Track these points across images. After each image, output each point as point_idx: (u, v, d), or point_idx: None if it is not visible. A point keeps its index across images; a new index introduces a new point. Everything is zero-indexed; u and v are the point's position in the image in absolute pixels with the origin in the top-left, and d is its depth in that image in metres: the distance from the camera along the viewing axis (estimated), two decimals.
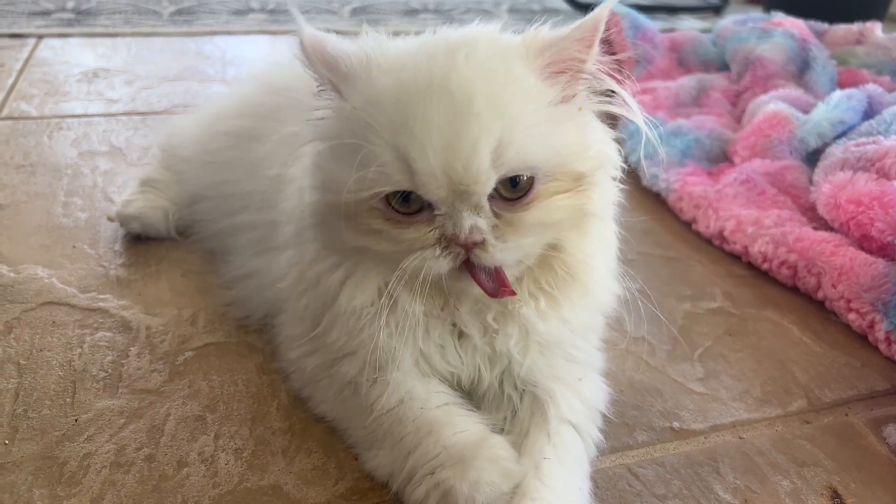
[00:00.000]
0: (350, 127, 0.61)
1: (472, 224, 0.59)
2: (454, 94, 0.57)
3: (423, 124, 0.57)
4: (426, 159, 0.57)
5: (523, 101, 0.59)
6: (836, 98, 1.40)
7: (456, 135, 0.57)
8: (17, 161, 1.36)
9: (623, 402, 0.86)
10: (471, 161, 0.57)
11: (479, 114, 0.57)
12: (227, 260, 0.97)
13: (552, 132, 0.61)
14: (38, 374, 0.85)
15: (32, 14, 2.37)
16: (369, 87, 0.61)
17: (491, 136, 0.57)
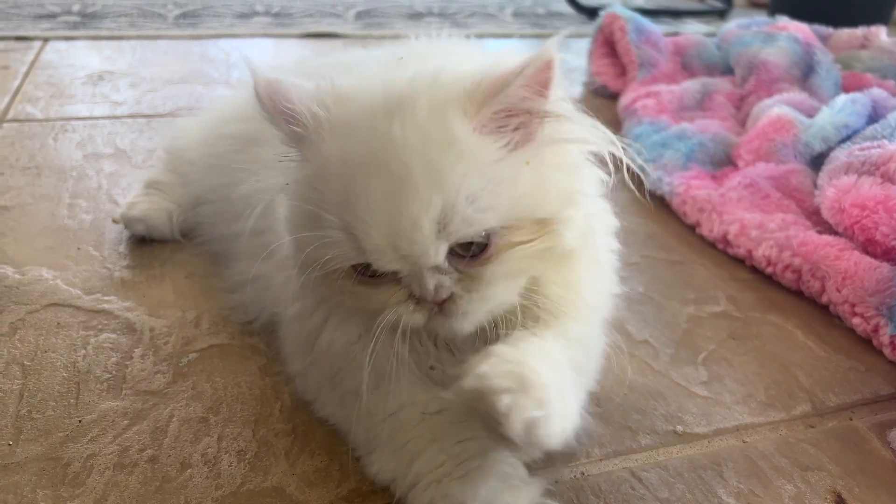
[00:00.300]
0: (308, 194, 0.60)
1: (437, 283, 0.59)
2: (391, 168, 0.56)
3: (364, 201, 0.56)
4: (371, 238, 0.57)
5: (465, 166, 0.57)
6: (841, 102, 1.40)
7: (397, 211, 0.56)
8: (23, 163, 1.36)
9: (626, 406, 0.86)
10: (413, 236, 0.56)
11: (418, 186, 0.55)
12: (230, 264, 0.97)
13: (500, 190, 0.58)
14: (42, 375, 0.85)
15: (38, 17, 2.38)
16: (319, 154, 0.60)
17: (432, 209, 0.56)
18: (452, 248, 0.59)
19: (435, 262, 0.58)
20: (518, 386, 0.57)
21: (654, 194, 1.40)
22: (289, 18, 2.59)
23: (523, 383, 0.57)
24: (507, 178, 0.58)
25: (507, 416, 0.55)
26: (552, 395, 0.58)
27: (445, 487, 0.64)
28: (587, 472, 0.76)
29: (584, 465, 0.77)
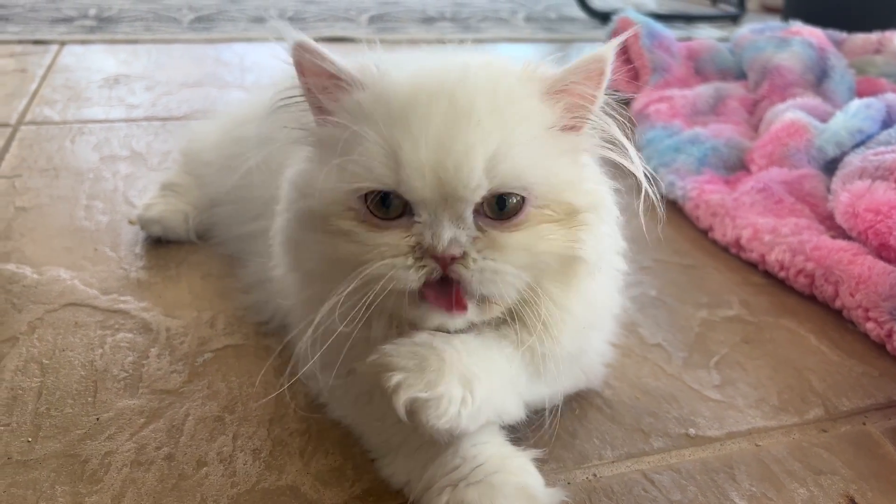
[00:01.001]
0: (343, 127, 0.60)
1: (453, 236, 0.57)
2: (458, 100, 0.57)
3: (422, 120, 0.56)
4: (416, 152, 0.56)
5: (524, 119, 0.59)
6: (855, 107, 1.39)
7: (453, 135, 0.56)
8: (41, 165, 1.38)
9: (639, 409, 0.86)
10: (463, 162, 0.56)
11: (480, 121, 0.57)
12: (245, 265, 0.98)
13: (548, 156, 0.60)
14: (60, 373, 0.86)
15: (55, 21, 2.41)
16: (380, 86, 0.60)
17: (488, 145, 0.56)
18: (485, 205, 0.58)
19: (473, 197, 0.57)
20: (415, 366, 0.58)
21: (667, 198, 1.40)
22: (302, 23, 2.61)
23: (421, 365, 0.58)
24: (554, 152, 0.61)
25: (395, 393, 0.57)
26: (452, 382, 0.58)
27: (462, 493, 0.63)
28: (599, 473, 0.77)
29: (596, 467, 0.77)
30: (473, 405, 0.60)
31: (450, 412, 0.58)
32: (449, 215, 0.57)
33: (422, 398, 0.57)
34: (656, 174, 1.41)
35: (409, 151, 0.56)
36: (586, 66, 0.61)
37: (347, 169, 0.58)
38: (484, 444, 0.67)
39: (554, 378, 0.72)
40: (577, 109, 0.63)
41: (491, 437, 0.69)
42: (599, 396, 0.87)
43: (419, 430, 0.59)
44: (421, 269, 0.58)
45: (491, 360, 0.64)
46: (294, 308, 0.78)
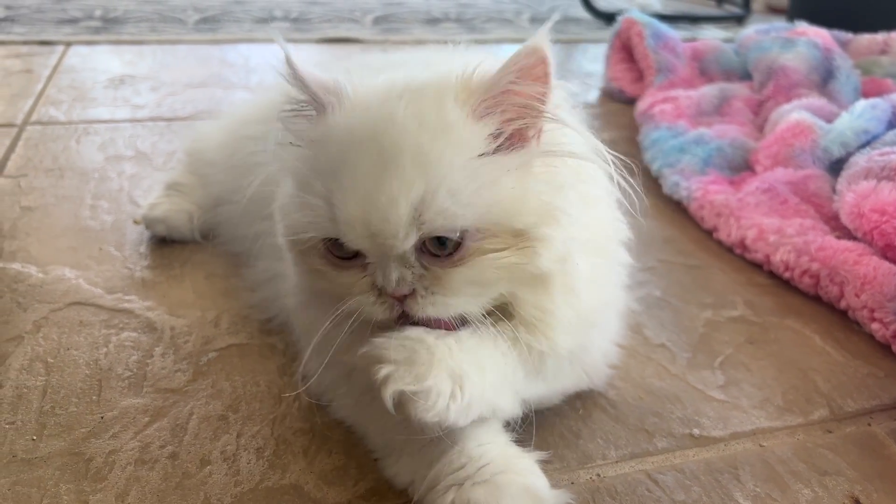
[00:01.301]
0: (303, 162, 0.62)
1: (398, 276, 0.59)
2: (384, 146, 0.57)
3: (351, 173, 0.57)
4: (346, 209, 0.57)
5: (453, 156, 0.57)
6: (861, 107, 1.39)
7: (377, 187, 0.56)
8: (46, 165, 1.39)
9: (643, 409, 0.86)
10: (388, 215, 0.56)
11: (404, 168, 0.56)
12: (250, 263, 0.98)
13: (482, 190, 0.58)
14: (65, 372, 0.86)
15: (61, 22, 2.42)
16: (323, 125, 0.62)
17: (412, 193, 0.56)
18: (426, 243, 0.59)
19: (403, 247, 0.58)
20: (404, 360, 0.59)
21: (672, 199, 1.40)
22: (307, 24, 2.61)
23: (410, 358, 0.59)
24: (491, 179, 0.58)
25: (384, 385, 0.58)
26: (440, 376, 0.58)
27: (468, 492, 0.63)
28: (603, 473, 0.76)
29: (599, 467, 0.77)
30: (463, 400, 0.60)
31: (438, 406, 0.59)
32: (393, 260, 0.59)
33: (409, 391, 0.58)
34: (661, 174, 1.43)
35: (340, 207, 0.58)
36: (520, 61, 0.57)
37: (302, 215, 0.61)
38: (489, 444, 0.67)
39: (553, 376, 0.72)
40: (523, 113, 0.60)
41: (496, 436, 0.69)
42: (603, 396, 0.86)
43: (408, 422, 0.60)
44: (384, 304, 0.61)
45: (484, 356, 0.64)
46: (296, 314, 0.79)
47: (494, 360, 0.65)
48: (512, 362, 0.66)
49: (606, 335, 0.82)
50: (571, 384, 0.81)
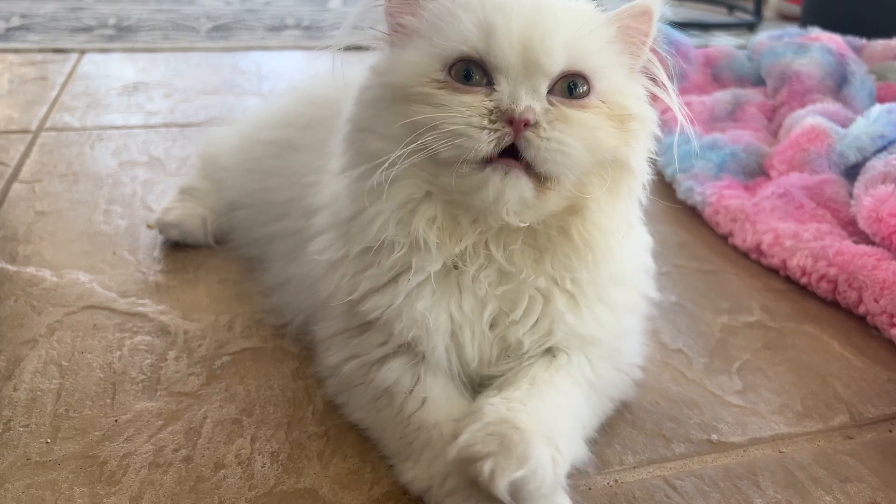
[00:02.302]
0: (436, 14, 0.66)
1: (529, 103, 0.61)
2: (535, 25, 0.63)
3: (513, 5, 0.63)
4: (508, 24, 0.62)
5: (592, 26, 0.66)
6: (876, 112, 1.38)
7: (539, 18, 0.63)
8: (61, 170, 1.39)
9: (660, 414, 0.85)
10: (547, 36, 0.62)
11: (559, 14, 0.64)
12: (265, 267, 0.98)
13: (610, 61, 0.67)
14: (79, 375, 0.86)
15: (75, 30, 2.44)
16: None
17: (567, 30, 0.63)
18: (557, 85, 0.64)
19: (552, 67, 0.62)
20: (499, 448, 0.59)
21: (686, 204, 1.39)
22: (318, 31, 2.62)
23: (504, 444, 0.59)
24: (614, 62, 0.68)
25: (492, 481, 0.57)
26: (539, 448, 0.60)
27: None
28: (621, 479, 0.76)
29: (617, 473, 0.76)
30: (564, 460, 0.63)
31: (547, 478, 0.60)
32: (526, 87, 0.62)
33: (518, 477, 0.58)
34: (675, 179, 1.42)
35: (502, 23, 0.62)
36: (634, 7, 0.69)
37: (437, 42, 0.64)
38: None
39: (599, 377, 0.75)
40: (630, 43, 0.70)
41: None
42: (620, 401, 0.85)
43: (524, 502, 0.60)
44: (493, 133, 0.60)
45: (556, 405, 0.67)
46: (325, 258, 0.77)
47: (564, 405, 0.69)
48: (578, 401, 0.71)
49: (634, 340, 0.82)
50: (616, 390, 0.80)
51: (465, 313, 0.70)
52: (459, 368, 0.73)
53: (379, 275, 0.71)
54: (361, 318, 0.74)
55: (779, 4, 3.48)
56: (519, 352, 0.72)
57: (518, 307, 0.70)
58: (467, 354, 0.71)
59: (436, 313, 0.69)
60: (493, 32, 0.62)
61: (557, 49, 0.62)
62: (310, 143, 0.92)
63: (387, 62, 0.68)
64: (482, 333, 0.71)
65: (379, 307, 0.71)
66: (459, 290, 0.70)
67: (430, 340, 0.70)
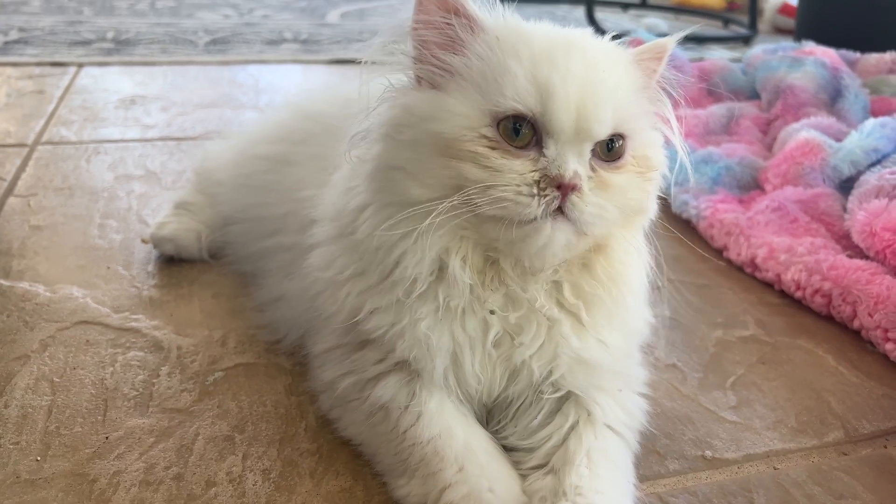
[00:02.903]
0: (482, 58, 0.65)
1: (576, 169, 0.62)
2: (588, 54, 0.65)
3: (566, 62, 0.63)
4: (566, 86, 0.62)
5: (627, 79, 0.68)
6: (870, 126, 1.38)
7: (591, 79, 0.64)
8: (56, 184, 1.39)
9: (654, 430, 0.84)
10: (601, 101, 0.63)
11: (605, 73, 0.65)
12: (259, 283, 0.98)
13: (639, 112, 0.69)
14: (70, 391, 0.86)
15: (74, 43, 2.45)
16: (511, 28, 0.67)
17: (614, 95, 0.65)
18: (598, 145, 0.65)
19: (602, 132, 0.64)
20: None
21: (680, 217, 1.39)
22: (316, 45, 2.63)
23: None
24: (642, 111, 0.70)
25: None
26: None
27: None
28: None
29: None
30: None
31: None
32: (573, 151, 0.64)
33: None
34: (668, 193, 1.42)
35: (560, 85, 0.62)
36: (652, 48, 0.72)
37: (488, 95, 0.63)
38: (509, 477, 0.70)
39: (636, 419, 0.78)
40: (650, 87, 0.72)
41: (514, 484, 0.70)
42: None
43: None
44: (542, 199, 0.62)
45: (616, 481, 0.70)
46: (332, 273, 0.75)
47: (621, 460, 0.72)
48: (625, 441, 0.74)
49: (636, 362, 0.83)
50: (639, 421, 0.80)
51: (467, 333, 0.70)
52: (457, 387, 0.72)
53: (387, 295, 0.70)
54: (361, 335, 0.74)
55: (774, 18, 3.49)
56: (529, 377, 0.71)
57: (525, 332, 0.70)
58: (467, 374, 0.71)
59: (438, 333, 0.69)
60: (551, 95, 0.62)
61: (608, 116, 0.64)
62: (305, 158, 0.92)
63: (428, 104, 0.66)
64: (484, 353, 0.71)
65: (382, 326, 0.71)
66: (464, 311, 0.70)
67: (431, 360, 0.70)
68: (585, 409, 0.73)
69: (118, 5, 3.17)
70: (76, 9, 3.03)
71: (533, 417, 0.73)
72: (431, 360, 0.70)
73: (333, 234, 0.75)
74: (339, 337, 0.76)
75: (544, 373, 0.71)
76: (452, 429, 0.70)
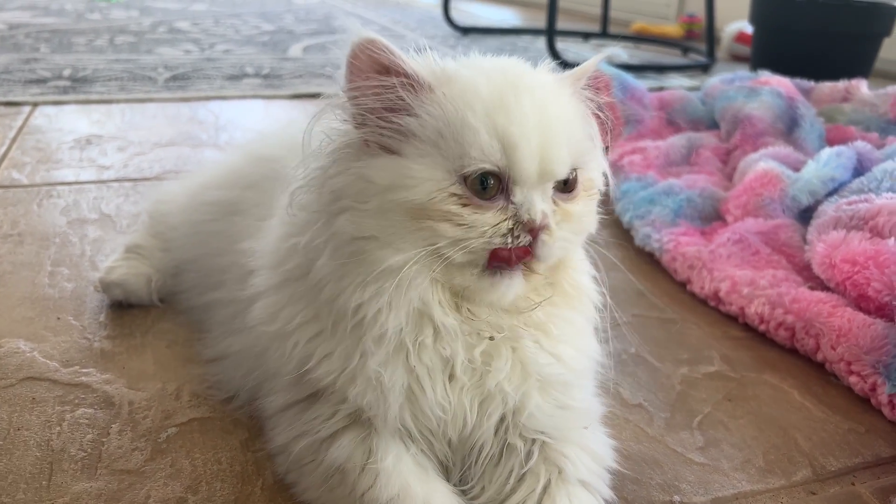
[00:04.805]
0: (434, 117, 0.64)
1: (543, 209, 0.64)
2: (535, 93, 0.65)
3: (519, 108, 0.63)
4: (526, 137, 0.63)
5: (572, 109, 0.69)
6: (826, 155, 1.40)
7: (544, 122, 0.64)
8: (5, 230, 1.35)
9: (621, 475, 0.82)
10: (558, 144, 0.64)
11: (554, 110, 0.66)
12: (205, 337, 0.95)
13: (586, 140, 0.70)
14: (14, 455, 0.82)
15: (28, 82, 2.40)
16: (456, 80, 0.65)
17: (566, 134, 0.66)
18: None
19: (564, 173, 0.66)
20: None
21: (644, 250, 1.39)
22: (278, 80, 2.62)
23: None
24: (584, 136, 0.70)
25: None
26: None
27: None
28: None
29: None
30: None
31: None
32: (538, 193, 0.65)
33: None
34: (632, 226, 1.42)
35: (520, 136, 0.63)
36: (580, 73, 0.72)
37: (451, 154, 0.63)
38: None
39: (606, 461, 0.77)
40: (586, 108, 0.73)
41: None
42: None
43: None
44: (515, 241, 0.64)
45: None
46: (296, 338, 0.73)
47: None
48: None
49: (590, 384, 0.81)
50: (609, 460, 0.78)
51: (424, 364, 0.67)
52: (415, 426, 0.69)
53: (342, 341, 0.68)
54: (310, 386, 0.71)
55: (731, 46, 3.57)
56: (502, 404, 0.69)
57: (496, 358, 0.69)
58: (428, 405, 0.68)
59: (391, 369, 0.67)
60: (515, 148, 0.63)
61: (566, 155, 0.65)
62: (249, 205, 0.90)
63: (389, 172, 0.64)
64: (446, 382, 0.68)
65: (332, 371, 0.68)
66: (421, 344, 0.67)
67: (385, 401, 0.67)
68: (556, 466, 0.71)
69: (76, 41, 3.13)
70: (32, 46, 2.99)
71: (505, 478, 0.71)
72: (385, 401, 0.67)
73: (276, 281, 0.73)
74: (288, 393, 0.73)
75: (518, 398, 0.69)
76: (411, 486, 0.67)
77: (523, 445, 0.71)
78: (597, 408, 0.80)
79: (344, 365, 0.68)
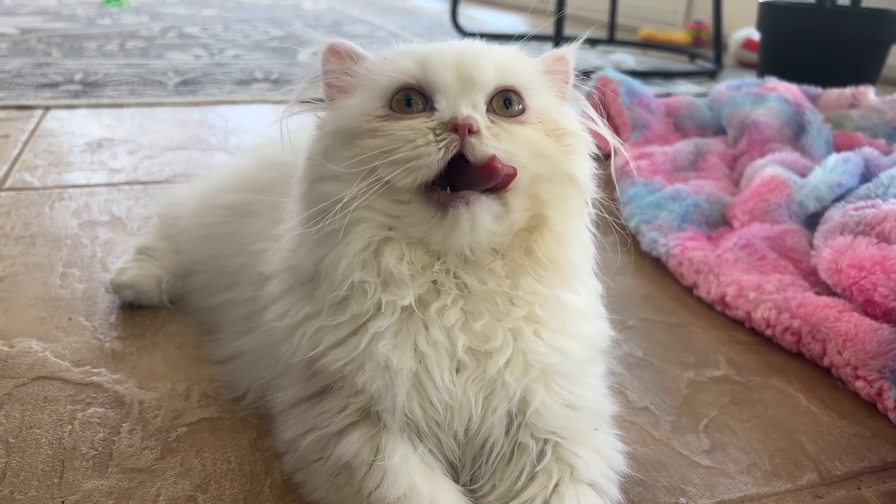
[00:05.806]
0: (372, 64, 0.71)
1: (469, 113, 0.64)
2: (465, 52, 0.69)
3: (443, 50, 0.69)
4: (442, 54, 0.67)
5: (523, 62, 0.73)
6: (833, 161, 1.41)
7: (469, 47, 0.70)
8: (18, 232, 1.36)
9: (627, 478, 0.82)
10: (477, 59, 0.67)
11: (486, 49, 0.71)
12: (217, 338, 0.96)
13: (540, 82, 0.72)
14: (26, 452, 0.83)
15: (40, 86, 2.43)
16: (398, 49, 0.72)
17: (494, 56, 0.69)
18: (493, 102, 0.67)
19: (486, 83, 0.66)
20: None
21: (650, 255, 1.39)
22: (287, 85, 2.63)
23: None
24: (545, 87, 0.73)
25: None
26: None
27: None
28: None
29: None
30: None
31: None
32: (465, 102, 0.65)
33: None
34: (639, 231, 1.43)
35: (436, 53, 0.68)
36: (553, 55, 0.76)
37: (377, 83, 0.68)
38: None
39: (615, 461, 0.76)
40: (556, 80, 0.76)
41: None
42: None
43: None
44: (441, 142, 0.63)
45: None
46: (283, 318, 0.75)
47: None
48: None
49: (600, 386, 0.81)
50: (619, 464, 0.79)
51: (432, 345, 0.68)
52: (423, 417, 0.69)
53: (343, 327, 0.69)
54: (320, 380, 0.72)
55: (738, 52, 3.57)
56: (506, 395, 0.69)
57: (492, 339, 0.68)
58: (436, 390, 0.68)
59: (399, 352, 0.67)
60: (428, 60, 0.67)
61: (489, 68, 0.67)
62: (263, 208, 0.91)
63: (330, 113, 0.72)
64: (454, 368, 0.68)
65: (340, 359, 0.69)
66: (425, 327, 0.68)
67: (393, 386, 0.67)
68: (569, 465, 0.71)
69: (87, 46, 3.16)
70: (44, 50, 3.01)
71: (516, 476, 0.71)
72: (393, 386, 0.67)
73: (287, 285, 0.74)
74: (298, 389, 0.74)
75: (520, 390, 0.69)
76: (418, 485, 0.68)
77: (535, 445, 0.71)
78: (607, 409, 0.79)
79: (351, 352, 0.68)
